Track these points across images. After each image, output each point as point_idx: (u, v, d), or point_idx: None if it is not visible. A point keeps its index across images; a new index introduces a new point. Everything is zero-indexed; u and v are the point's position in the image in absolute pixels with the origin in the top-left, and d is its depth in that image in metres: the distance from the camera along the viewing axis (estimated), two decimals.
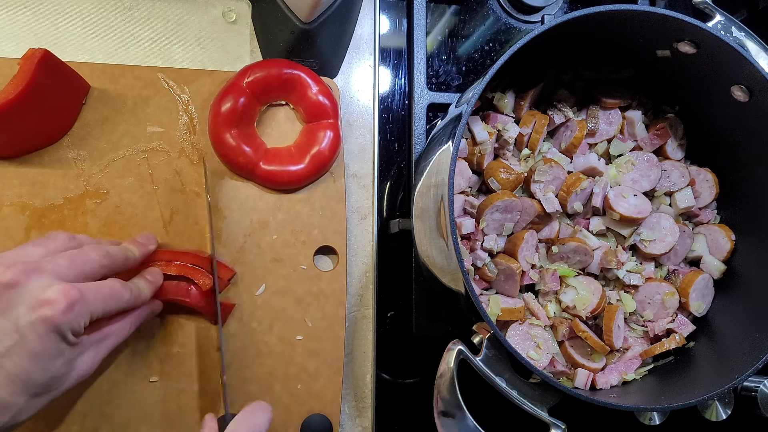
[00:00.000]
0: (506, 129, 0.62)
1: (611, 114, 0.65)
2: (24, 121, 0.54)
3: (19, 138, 0.56)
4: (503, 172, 0.60)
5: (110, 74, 0.60)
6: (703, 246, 0.65)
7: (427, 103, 0.69)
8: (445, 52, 0.74)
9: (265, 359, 0.60)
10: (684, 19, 0.53)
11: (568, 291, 0.61)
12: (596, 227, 0.63)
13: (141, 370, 0.57)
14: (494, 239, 0.60)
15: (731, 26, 0.62)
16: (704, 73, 0.59)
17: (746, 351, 0.56)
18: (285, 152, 0.62)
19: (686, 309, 0.63)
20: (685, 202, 0.64)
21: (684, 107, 0.66)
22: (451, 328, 0.66)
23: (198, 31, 0.66)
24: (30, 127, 0.56)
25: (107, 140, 0.60)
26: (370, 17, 0.71)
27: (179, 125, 0.62)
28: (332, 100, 0.62)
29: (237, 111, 0.60)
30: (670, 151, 0.66)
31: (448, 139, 0.53)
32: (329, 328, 0.62)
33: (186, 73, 0.62)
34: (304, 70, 0.62)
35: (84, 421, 0.55)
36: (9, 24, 0.61)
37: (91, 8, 0.63)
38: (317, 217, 0.63)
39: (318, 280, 0.62)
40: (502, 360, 0.52)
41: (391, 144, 0.71)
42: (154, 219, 0.60)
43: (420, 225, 0.60)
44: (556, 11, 0.77)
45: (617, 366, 0.61)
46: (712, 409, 0.68)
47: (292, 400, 0.60)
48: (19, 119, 0.53)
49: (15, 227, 0.57)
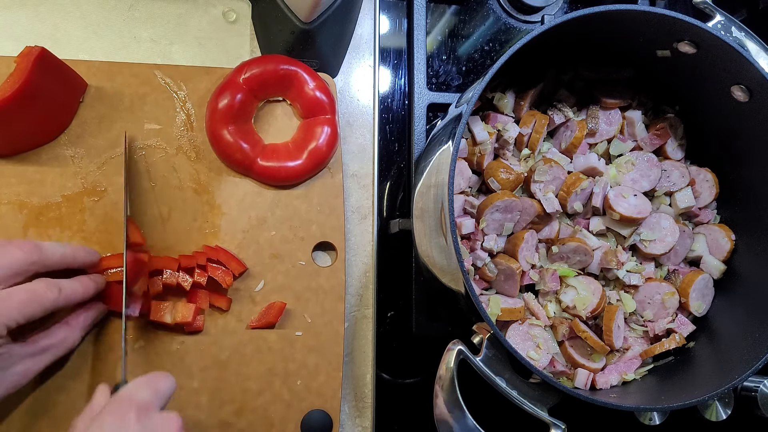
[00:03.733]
0: (506, 129, 0.62)
1: (611, 114, 0.65)
2: (21, 119, 0.54)
3: (17, 136, 0.56)
4: (503, 172, 0.60)
5: (107, 72, 0.60)
6: (703, 246, 0.65)
7: (427, 103, 0.69)
8: (445, 52, 0.74)
9: (265, 355, 0.60)
10: (684, 19, 0.53)
11: (568, 291, 0.61)
12: (596, 227, 0.63)
13: (140, 368, 0.57)
14: (494, 239, 0.60)
15: (731, 26, 0.62)
16: (704, 73, 0.59)
17: (746, 351, 0.56)
18: (282, 148, 0.62)
19: (686, 309, 0.63)
20: (685, 202, 0.64)
21: (684, 107, 0.66)
22: (451, 328, 0.66)
23: (198, 31, 0.66)
24: (27, 125, 0.56)
25: (104, 138, 0.60)
26: (370, 17, 0.71)
27: (176, 122, 0.61)
28: (329, 96, 0.62)
29: (234, 107, 0.59)
30: (670, 151, 0.66)
31: (448, 139, 0.53)
32: (328, 324, 0.62)
33: (183, 70, 0.62)
34: (300, 66, 0.62)
35: None
36: (10, 24, 0.61)
37: (92, 8, 0.63)
38: (315, 212, 0.63)
39: (317, 276, 0.62)
40: (502, 360, 0.51)
41: (391, 144, 0.71)
42: (151, 216, 0.60)
43: (420, 225, 0.60)
44: (556, 11, 0.77)
45: (617, 366, 0.61)
46: (712, 409, 0.68)
47: (292, 396, 0.60)
48: (16, 117, 0.53)
49: (13, 226, 0.57)
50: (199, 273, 0.57)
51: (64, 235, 0.57)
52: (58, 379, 0.55)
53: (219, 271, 0.58)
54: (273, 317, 0.59)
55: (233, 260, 0.59)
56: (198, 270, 0.58)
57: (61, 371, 0.55)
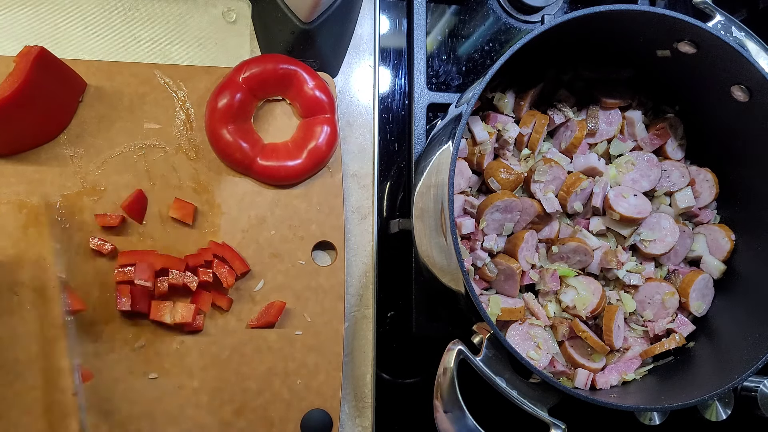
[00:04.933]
0: (506, 129, 0.62)
1: (611, 114, 0.65)
2: (20, 119, 0.54)
3: (16, 136, 0.56)
4: (503, 172, 0.60)
5: (107, 71, 0.60)
6: (703, 246, 0.65)
7: (427, 103, 0.69)
8: (445, 52, 0.74)
9: (265, 355, 0.60)
10: (684, 19, 0.53)
11: (568, 291, 0.61)
12: (596, 227, 0.63)
13: (140, 367, 0.57)
14: (494, 239, 0.60)
15: (731, 26, 0.62)
16: (704, 73, 0.59)
17: (746, 351, 0.56)
18: (282, 148, 0.62)
19: (686, 309, 0.63)
20: (685, 202, 0.64)
21: (684, 107, 0.66)
22: (451, 328, 0.66)
23: (198, 31, 0.66)
24: (26, 125, 0.56)
25: (104, 137, 0.60)
26: (370, 17, 0.71)
27: (176, 122, 0.61)
28: (329, 95, 0.62)
29: (233, 107, 0.59)
30: (670, 151, 0.66)
31: (448, 139, 0.53)
32: (328, 323, 0.62)
33: (182, 70, 0.62)
34: (300, 66, 0.62)
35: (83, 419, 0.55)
36: (10, 24, 0.61)
37: (92, 8, 0.63)
38: (315, 212, 0.63)
39: (316, 276, 0.62)
40: (502, 360, 0.51)
41: (391, 144, 0.71)
42: (151, 215, 0.60)
43: (420, 225, 0.60)
44: (556, 11, 0.77)
45: (617, 366, 0.61)
46: (712, 409, 0.68)
47: (292, 395, 0.60)
48: (15, 117, 0.53)
49: (12, 225, 0.57)
50: (203, 272, 0.57)
51: (65, 235, 0.57)
52: (54, 378, 0.55)
53: (223, 269, 0.58)
54: (273, 317, 0.59)
55: (237, 259, 0.59)
56: (202, 269, 0.58)
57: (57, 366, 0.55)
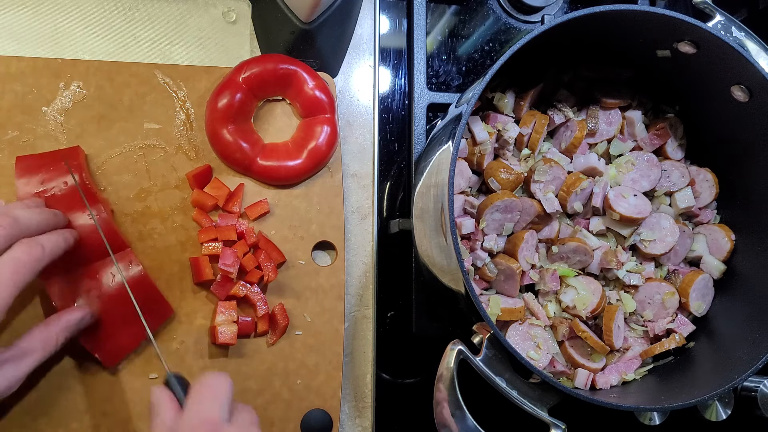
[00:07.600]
0: (506, 129, 0.62)
1: (611, 114, 0.65)
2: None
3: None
4: (503, 172, 0.60)
5: (106, 72, 0.60)
6: (703, 246, 0.65)
7: (427, 103, 0.69)
8: (445, 52, 0.74)
9: (265, 355, 0.60)
10: (684, 19, 0.53)
11: (568, 291, 0.61)
12: (596, 227, 0.63)
13: (140, 367, 0.57)
14: (494, 239, 0.60)
15: (731, 26, 0.62)
16: (704, 73, 0.59)
17: (746, 351, 0.56)
18: (282, 148, 0.62)
19: (686, 309, 0.63)
20: (685, 202, 0.64)
21: (684, 107, 0.66)
22: (451, 328, 0.66)
23: (198, 31, 0.66)
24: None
25: (104, 137, 0.60)
26: (370, 17, 0.71)
27: (176, 122, 0.61)
28: (329, 95, 0.62)
29: (233, 107, 0.59)
30: (670, 151, 0.66)
31: (448, 139, 0.53)
32: (328, 323, 0.62)
33: (182, 70, 0.62)
34: (300, 65, 0.62)
35: (83, 418, 0.55)
36: (10, 24, 0.61)
37: (92, 8, 0.63)
38: (315, 212, 0.63)
39: (316, 275, 0.62)
40: (502, 360, 0.51)
41: (391, 144, 0.71)
42: (151, 215, 0.60)
43: (420, 225, 0.60)
44: (556, 11, 0.77)
45: (617, 366, 0.61)
46: (712, 409, 0.68)
47: (292, 395, 0.60)
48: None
49: None
50: (253, 271, 0.58)
51: None
52: (54, 378, 0.55)
53: (267, 263, 0.59)
54: (283, 321, 0.59)
55: (275, 250, 0.60)
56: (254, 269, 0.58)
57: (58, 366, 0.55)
